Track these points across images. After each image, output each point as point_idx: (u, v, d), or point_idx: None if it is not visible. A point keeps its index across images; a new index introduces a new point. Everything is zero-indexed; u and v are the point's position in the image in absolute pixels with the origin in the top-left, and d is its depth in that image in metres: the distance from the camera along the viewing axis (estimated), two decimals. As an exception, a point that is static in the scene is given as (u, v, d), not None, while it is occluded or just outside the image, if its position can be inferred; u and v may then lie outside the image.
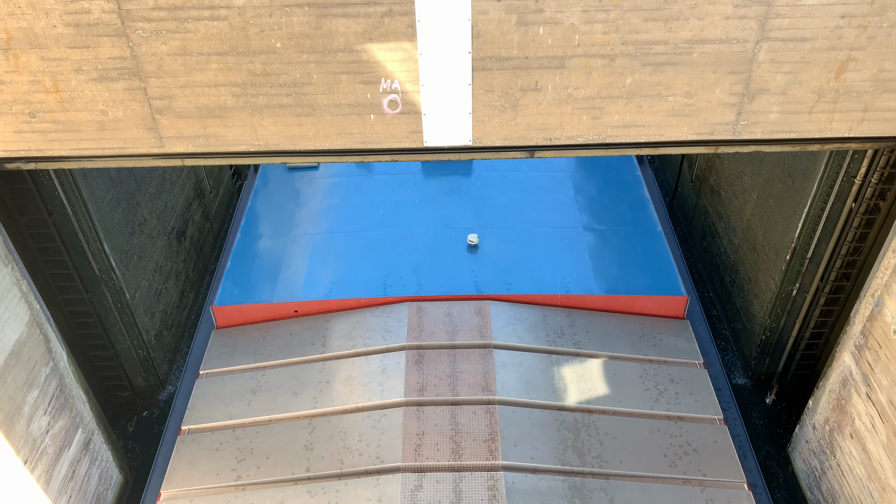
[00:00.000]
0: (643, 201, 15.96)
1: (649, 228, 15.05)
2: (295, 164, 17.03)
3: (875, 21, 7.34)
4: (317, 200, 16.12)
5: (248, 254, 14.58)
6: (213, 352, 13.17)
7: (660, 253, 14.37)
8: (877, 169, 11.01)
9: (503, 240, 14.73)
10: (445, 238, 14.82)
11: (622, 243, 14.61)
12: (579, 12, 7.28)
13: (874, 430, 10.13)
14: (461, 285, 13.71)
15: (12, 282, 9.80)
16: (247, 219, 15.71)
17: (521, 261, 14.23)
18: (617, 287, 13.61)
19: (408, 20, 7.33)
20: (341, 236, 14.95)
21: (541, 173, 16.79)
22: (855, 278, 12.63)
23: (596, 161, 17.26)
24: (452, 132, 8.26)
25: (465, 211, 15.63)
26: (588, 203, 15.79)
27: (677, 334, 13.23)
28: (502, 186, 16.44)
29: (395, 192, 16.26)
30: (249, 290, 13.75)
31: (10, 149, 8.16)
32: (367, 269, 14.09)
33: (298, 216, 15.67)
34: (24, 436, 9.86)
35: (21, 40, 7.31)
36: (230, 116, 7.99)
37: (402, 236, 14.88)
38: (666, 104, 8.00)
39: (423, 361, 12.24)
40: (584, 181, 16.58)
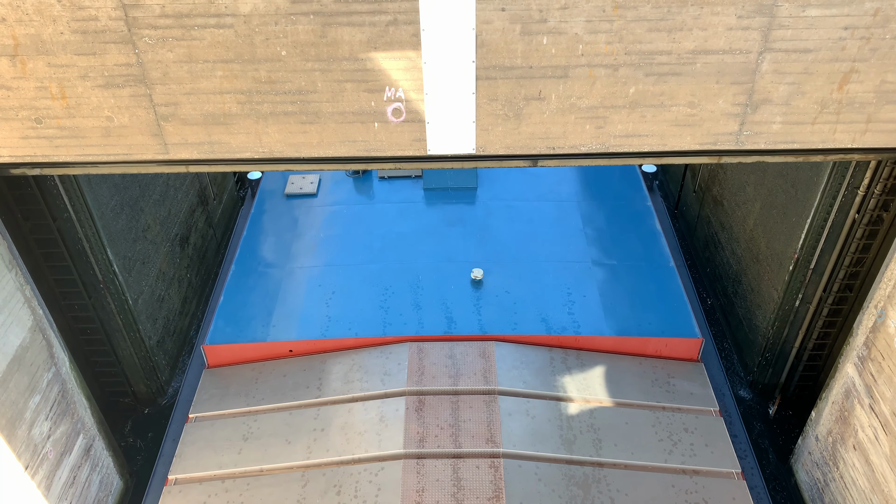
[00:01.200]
0: (654, 234, 15.33)
1: (661, 263, 14.43)
2: (293, 192, 16.76)
3: (878, 33, 7.36)
4: (315, 230, 15.60)
5: (241, 288, 14.03)
6: (203, 393, 12.62)
7: (672, 291, 13.73)
8: (880, 180, 11.01)
9: (508, 275, 14.13)
10: (448, 272, 14.24)
11: (633, 280, 13.99)
12: (583, 22, 7.32)
13: (877, 442, 10.09)
14: (464, 324, 13.10)
15: (16, 287, 9.82)
16: (242, 249, 15.18)
17: (527, 298, 13.61)
18: (628, 327, 12.96)
19: (412, 29, 7.37)
20: (339, 269, 14.39)
21: (547, 203, 16.22)
22: (858, 289, 12.60)
23: (605, 190, 16.75)
24: (456, 140, 8.28)
25: (469, 243, 15.05)
26: (597, 235, 15.19)
27: (691, 378, 12.58)
28: (507, 216, 15.86)
29: (396, 222, 15.67)
30: (242, 328, 13.14)
31: (15, 154, 8.20)
32: (366, 306, 13.51)
33: (295, 247, 15.13)
34: (25, 441, 9.86)
35: (28, 47, 7.36)
36: (235, 123, 8.03)
37: (402, 270, 14.33)
38: (669, 114, 8.02)
39: (423, 409, 11.59)
40: (593, 211, 15.97)
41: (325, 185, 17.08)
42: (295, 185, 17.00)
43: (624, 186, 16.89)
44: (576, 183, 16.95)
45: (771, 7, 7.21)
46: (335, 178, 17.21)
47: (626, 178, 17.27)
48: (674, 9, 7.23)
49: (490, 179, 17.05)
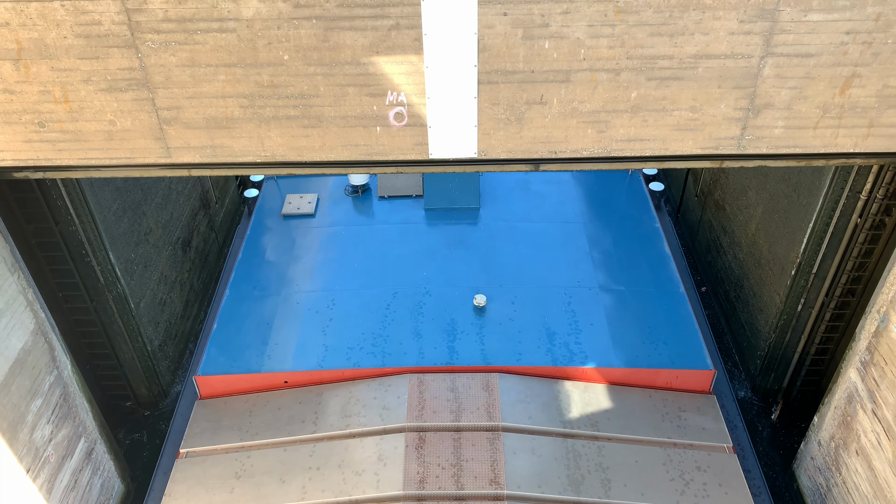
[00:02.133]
0: (663, 258, 14.77)
1: (671, 289, 13.92)
2: (290, 212, 16.35)
3: (880, 37, 7.36)
4: (312, 252, 15.15)
5: (236, 315, 13.64)
6: (195, 426, 12.18)
7: (683, 319, 13.20)
8: (882, 185, 11.00)
9: (512, 301, 13.63)
10: (450, 298, 13.76)
11: (642, 307, 13.50)
12: (585, 27, 7.33)
13: (880, 448, 10.06)
14: (467, 354, 12.58)
15: (18, 290, 9.84)
16: (237, 273, 14.77)
17: (531, 326, 13.09)
18: (637, 358, 12.44)
19: (414, 33, 7.39)
20: (337, 295, 13.93)
21: (552, 224, 15.71)
22: (860, 294, 12.59)
23: (611, 210, 16.20)
24: (458, 145, 8.29)
25: (472, 266, 14.55)
26: (604, 259, 14.65)
27: (703, 412, 12.05)
28: (511, 238, 15.34)
29: (395, 244, 15.18)
30: (236, 358, 12.72)
31: (18, 158, 8.22)
32: (365, 334, 13.04)
33: (292, 271, 14.69)
34: (26, 444, 9.86)
35: (32, 51, 7.38)
36: (237, 127, 8.04)
37: (402, 295, 13.87)
38: (671, 118, 8.02)
39: (423, 446, 11.12)
40: (599, 233, 15.43)
41: (324, 204, 16.67)
42: (292, 204, 16.54)
43: (631, 206, 16.35)
44: (581, 203, 16.44)
45: (773, 12, 7.22)
46: (333, 197, 16.83)
47: (633, 197, 16.74)
48: (675, 13, 7.24)
49: (493, 199, 16.55)
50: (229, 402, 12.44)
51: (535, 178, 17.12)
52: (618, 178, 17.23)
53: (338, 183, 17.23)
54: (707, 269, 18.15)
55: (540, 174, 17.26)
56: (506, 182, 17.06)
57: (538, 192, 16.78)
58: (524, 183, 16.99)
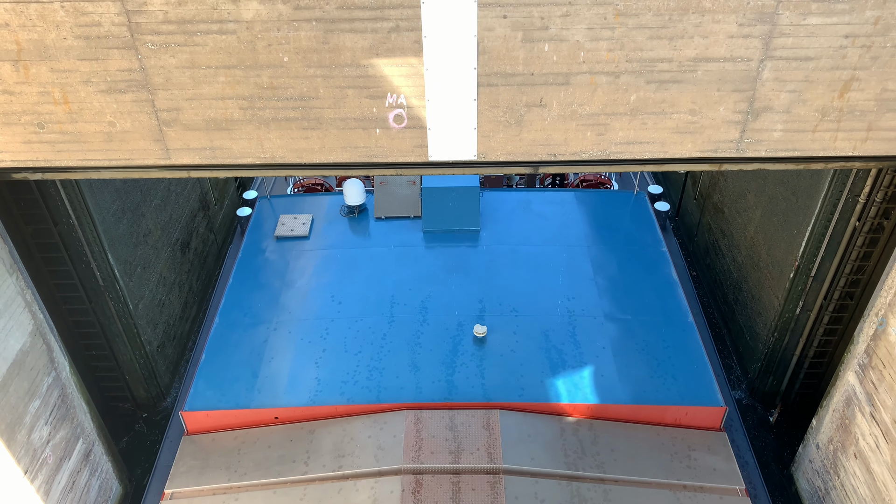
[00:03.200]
0: (670, 284, 14.10)
1: (679, 319, 13.23)
2: (284, 234, 15.62)
3: (879, 41, 7.38)
4: (305, 277, 14.45)
5: (225, 345, 12.91)
6: (181, 465, 11.55)
7: (692, 351, 12.54)
8: (881, 188, 11.02)
9: (514, 331, 12.99)
10: (449, 327, 13.11)
11: (649, 337, 12.84)
12: (584, 30, 7.34)
13: (878, 451, 10.07)
14: (466, 389, 11.97)
15: (16, 291, 9.83)
16: (227, 300, 14.04)
17: (534, 358, 12.46)
18: (645, 393, 11.84)
19: (414, 36, 7.40)
20: (331, 324, 13.27)
21: (555, 247, 15.08)
22: (859, 297, 12.60)
23: (616, 232, 15.55)
24: (457, 147, 8.29)
25: (471, 293, 13.92)
26: (609, 285, 14.02)
27: (714, 451, 11.47)
28: (513, 263, 14.70)
29: (392, 269, 14.56)
30: (224, 392, 12.07)
31: (17, 159, 8.22)
32: (360, 366, 12.39)
33: (284, 297, 14.01)
34: (24, 446, 9.85)
35: (31, 52, 7.38)
36: (237, 129, 8.05)
37: (399, 324, 13.21)
38: (670, 121, 8.03)
39: (420, 491, 10.57)
40: (604, 257, 14.77)
41: (318, 225, 16.03)
42: (286, 226, 15.83)
43: (636, 228, 15.70)
44: (584, 224, 15.81)
45: (772, 15, 7.23)
46: (329, 217, 16.22)
47: (638, 218, 16.12)
48: (675, 17, 7.25)
49: (493, 220, 15.96)
50: (217, 439, 11.81)
51: (536, 199, 16.54)
52: (622, 198, 16.67)
53: (333, 203, 16.62)
54: (706, 271, 18.16)
55: (542, 194, 16.59)
56: (507, 202, 16.50)
57: (540, 212, 16.17)
58: (525, 203, 16.43)
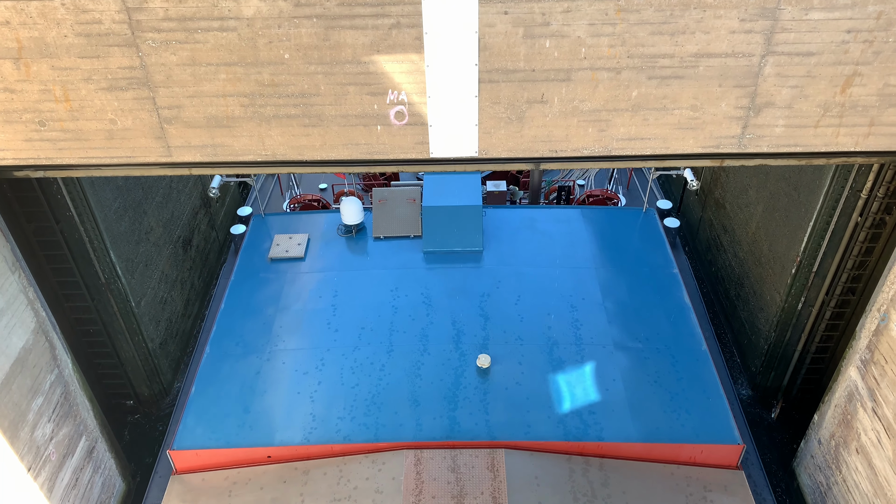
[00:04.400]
0: (683, 309, 13.32)
1: (692, 347, 12.47)
2: (278, 255, 14.85)
3: (881, 36, 7.36)
4: (301, 303, 13.71)
5: (215, 377, 12.23)
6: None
7: (707, 382, 11.83)
8: (883, 183, 11.00)
9: (519, 361, 12.25)
10: (451, 358, 12.36)
11: (661, 368, 12.11)
12: (586, 25, 7.32)
13: (880, 446, 10.07)
14: (469, 426, 11.28)
15: (19, 289, 9.85)
16: (218, 327, 13.26)
17: (541, 392, 11.77)
18: (658, 430, 11.16)
19: (415, 32, 7.38)
20: (327, 354, 12.54)
21: (562, 269, 14.29)
22: (861, 293, 12.59)
23: (624, 252, 14.77)
24: (458, 143, 8.29)
25: (474, 319, 13.17)
26: (618, 310, 13.29)
27: (732, 491, 10.84)
28: (517, 286, 13.93)
29: (391, 294, 13.82)
30: (215, 429, 11.39)
31: (19, 157, 8.23)
32: (357, 401, 11.67)
33: (278, 325, 13.22)
34: (28, 443, 9.87)
35: (32, 50, 7.38)
36: (238, 126, 8.04)
37: (398, 354, 12.48)
38: (672, 117, 8.02)
39: None
40: (612, 280, 14.01)
41: (315, 245, 15.29)
42: (280, 246, 15.07)
43: (646, 247, 14.94)
44: (592, 244, 15.02)
45: (774, 10, 7.21)
46: (325, 237, 15.51)
47: (647, 236, 15.36)
48: (676, 12, 7.23)
49: (496, 239, 15.20)
50: (207, 479, 11.21)
51: (541, 216, 15.86)
52: (631, 215, 15.98)
53: (330, 222, 15.94)
54: (707, 267, 18.15)
55: (547, 212, 15.96)
56: (510, 221, 15.78)
57: (545, 231, 15.41)
58: (530, 221, 15.73)
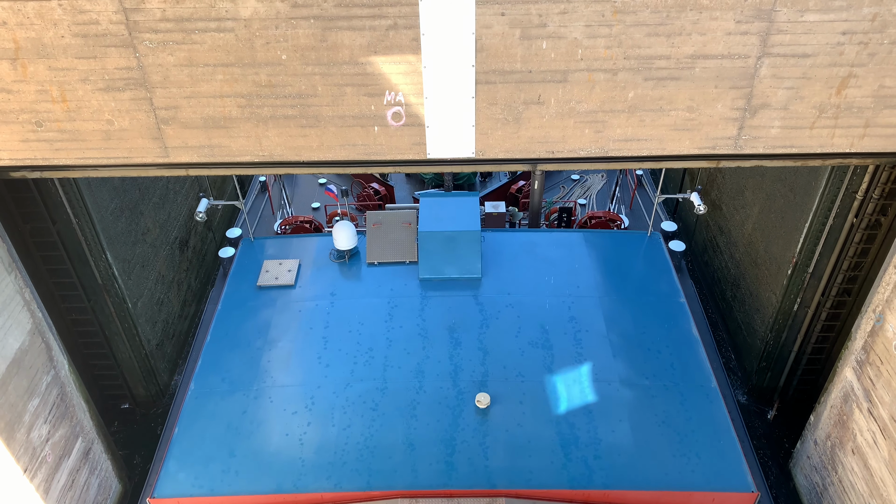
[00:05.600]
0: (691, 342, 12.55)
1: (702, 383, 11.79)
2: (267, 283, 13.96)
3: (876, 38, 7.39)
4: (290, 334, 12.93)
5: (199, 417, 11.49)
6: None
7: (718, 423, 11.18)
8: (878, 184, 11.04)
9: (520, 400, 11.56)
10: (447, 397, 11.68)
11: (670, 408, 11.41)
12: (582, 27, 7.34)
13: (876, 446, 10.10)
14: (467, 473, 10.67)
15: (15, 290, 9.83)
16: (203, 362, 12.44)
17: (544, 434, 11.09)
18: (668, 477, 10.56)
19: (412, 33, 7.40)
20: (317, 392, 11.80)
21: (564, 298, 13.56)
22: (856, 293, 12.63)
23: (629, 280, 14.03)
24: (456, 144, 8.30)
25: (473, 354, 12.42)
26: (624, 343, 12.53)
27: None
28: (517, 317, 13.16)
29: (385, 325, 13.06)
30: (198, 475, 10.75)
31: (15, 157, 8.22)
32: (349, 445, 11.01)
33: (266, 359, 12.45)
34: (24, 444, 9.85)
35: (29, 50, 7.37)
36: (235, 127, 8.05)
37: (392, 392, 11.76)
38: (668, 118, 8.04)
39: None
40: (617, 310, 13.27)
41: (306, 271, 14.48)
42: (270, 273, 14.23)
43: (651, 274, 14.23)
44: (595, 271, 14.24)
45: (769, 12, 7.24)
46: (317, 262, 14.72)
47: (652, 262, 14.62)
48: (673, 14, 7.26)
49: (495, 265, 14.45)
50: None
51: (542, 241, 15.13)
52: (635, 239, 15.22)
53: (322, 246, 15.14)
54: (704, 268, 18.19)
55: (548, 236, 15.30)
56: (510, 245, 15.02)
57: (546, 257, 14.67)
58: (530, 246, 14.98)
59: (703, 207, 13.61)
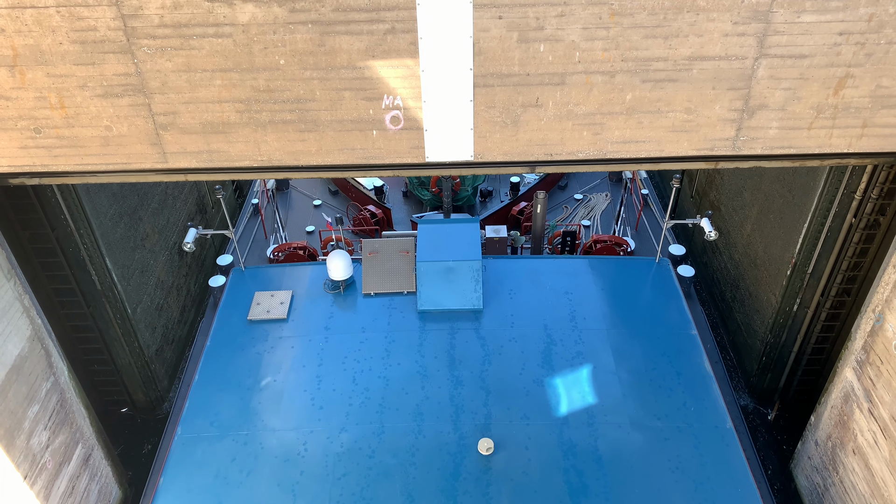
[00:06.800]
0: (704, 378, 11.93)
1: (717, 425, 11.21)
2: (258, 316, 13.33)
3: (873, 38, 7.41)
4: (282, 373, 12.29)
5: (185, 464, 10.93)
6: None
7: (735, 468, 10.62)
8: (876, 184, 11.06)
9: (525, 445, 10.95)
10: (448, 441, 11.03)
11: (683, 451, 10.82)
12: (580, 29, 7.36)
13: (876, 447, 10.10)
14: None
15: (14, 296, 9.82)
16: (190, 403, 11.84)
17: (551, 482, 10.52)
18: None
19: (410, 37, 7.41)
20: (310, 437, 11.20)
21: (570, 331, 12.90)
22: (856, 294, 12.64)
23: (638, 311, 13.40)
24: (454, 148, 8.31)
25: (475, 393, 11.79)
26: (633, 381, 11.90)
27: None
28: (522, 352, 12.52)
29: (383, 361, 12.43)
30: None
31: (14, 164, 8.22)
32: (343, 497, 10.45)
33: (257, 401, 11.81)
34: (24, 451, 9.83)
35: (27, 57, 7.38)
36: (234, 132, 8.05)
37: (390, 436, 11.17)
38: (666, 120, 8.05)
39: None
40: (626, 344, 12.62)
41: (299, 302, 13.80)
42: (261, 306, 13.54)
43: (661, 304, 13.58)
44: (602, 301, 13.59)
45: (766, 13, 7.26)
46: (311, 293, 14.06)
47: (661, 290, 14.01)
48: (670, 15, 7.27)
49: (497, 295, 13.79)
50: None
51: (545, 269, 14.52)
52: (642, 266, 14.59)
53: (317, 275, 14.48)
54: (703, 269, 18.20)
55: (552, 263, 14.72)
56: (513, 273, 14.37)
57: (551, 286, 14.01)
58: (533, 274, 14.34)
59: (714, 234, 13.18)
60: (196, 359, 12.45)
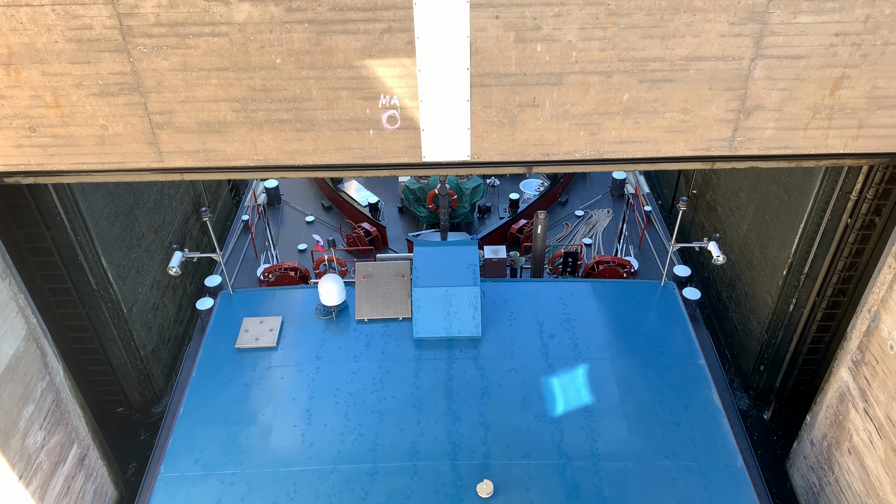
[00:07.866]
0: (713, 412, 11.39)
1: (727, 464, 10.66)
2: (246, 344, 12.74)
3: (869, 39, 7.42)
4: (271, 406, 11.67)
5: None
6: None
7: None
8: (872, 185, 11.09)
9: (527, 486, 10.36)
10: (445, 483, 10.44)
11: (692, 492, 10.28)
12: (577, 29, 7.36)
13: (872, 446, 10.12)
14: None
15: (9, 296, 9.79)
16: (174, 440, 11.22)
17: None
18: None
19: (407, 37, 7.40)
20: (300, 477, 10.62)
21: (573, 362, 12.30)
22: (851, 294, 12.67)
23: (643, 339, 12.82)
24: (451, 147, 8.30)
25: (473, 429, 11.20)
26: (639, 415, 11.33)
27: None
28: (522, 384, 11.88)
29: (376, 394, 11.82)
30: None
31: (9, 163, 8.19)
32: None
33: (244, 437, 11.19)
34: (18, 451, 9.80)
35: (22, 55, 7.35)
36: (230, 131, 8.03)
37: (383, 475, 10.59)
38: (662, 120, 8.06)
39: None
40: (631, 375, 12.01)
41: (289, 329, 13.15)
42: (249, 333, 12.90)
43: (666, 332, 12.99)
44: (606, 329, 12.96)
45: (763, 14, 7.27)
46: (302, 319, 13.40)
47: (667, 317, 13.41)
48: (667, 16, 7.28)
49: (496, 321, 13.15)
50: None
51: (547, 293, 13.87)
52: (647, 290, 14.00)
53: (308, 299, 13.80)
54: (699, 269, 18.23)
55: (553, 287, 14.15)
56: (512, 298, 13.69)
57: (552, 312, 13.35)
58: (534, 298, 13.68)
59: (721, 258, 12.68)
60: (182, 387, 11.98)
